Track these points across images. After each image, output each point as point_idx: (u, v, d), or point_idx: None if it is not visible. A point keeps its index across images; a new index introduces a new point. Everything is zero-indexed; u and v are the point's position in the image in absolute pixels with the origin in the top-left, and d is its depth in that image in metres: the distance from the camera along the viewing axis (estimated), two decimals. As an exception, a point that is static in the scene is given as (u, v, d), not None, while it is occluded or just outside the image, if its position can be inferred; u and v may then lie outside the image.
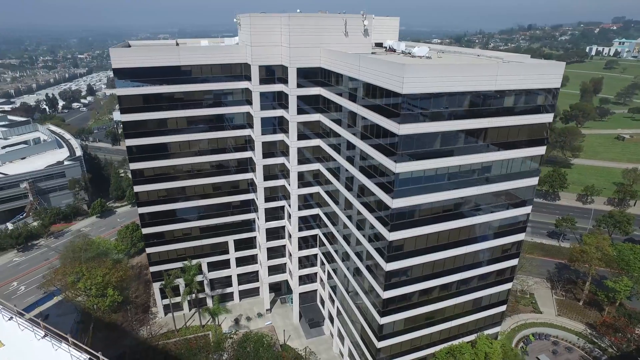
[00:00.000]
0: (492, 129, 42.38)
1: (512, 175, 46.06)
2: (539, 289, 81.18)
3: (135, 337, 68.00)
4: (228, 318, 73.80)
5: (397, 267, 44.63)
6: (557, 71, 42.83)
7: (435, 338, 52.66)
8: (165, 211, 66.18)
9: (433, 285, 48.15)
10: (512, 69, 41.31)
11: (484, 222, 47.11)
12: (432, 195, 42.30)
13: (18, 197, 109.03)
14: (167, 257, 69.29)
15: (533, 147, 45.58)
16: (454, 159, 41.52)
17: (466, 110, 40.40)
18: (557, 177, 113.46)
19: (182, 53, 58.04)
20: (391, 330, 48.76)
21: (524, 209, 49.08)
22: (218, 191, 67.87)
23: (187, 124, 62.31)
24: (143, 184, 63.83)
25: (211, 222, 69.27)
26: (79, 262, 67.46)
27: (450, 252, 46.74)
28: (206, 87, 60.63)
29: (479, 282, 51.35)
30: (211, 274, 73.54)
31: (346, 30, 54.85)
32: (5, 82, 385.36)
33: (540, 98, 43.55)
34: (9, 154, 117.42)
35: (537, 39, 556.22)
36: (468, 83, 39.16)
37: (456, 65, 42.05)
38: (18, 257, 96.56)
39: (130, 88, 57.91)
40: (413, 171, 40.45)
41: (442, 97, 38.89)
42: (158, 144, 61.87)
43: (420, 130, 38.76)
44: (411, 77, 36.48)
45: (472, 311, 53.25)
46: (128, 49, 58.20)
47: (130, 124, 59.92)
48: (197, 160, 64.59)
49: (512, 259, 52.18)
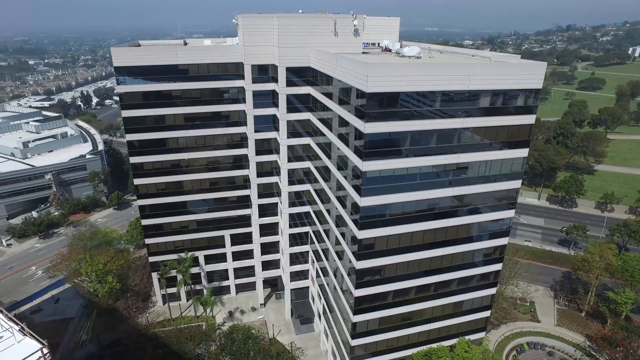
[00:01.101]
0: (467, 130, 41.88)
1: (492, 178, 45.20)
2: (541, 298, 78.53)
3: (133, 323, 71.15)
4: (223, 310, 75.93)
5: (369, 265, 44.82)
6: (538, 71, 41.79)
7: (413, 340, 52.33)
8: (164, 204, 68.92)
9: (409, 286, 47.94)
10: (487, 69, 40.70)
11: (463, 225, 46.48)
12: (403, 195, 42.24)
13: (43, 187, 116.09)
14: (165, 249, 72.10)
15: (514, 149, 44.53)
16: (424, 159, 41.35)
17: (438, 110, 40.15)
18: (573, 183, 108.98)
19: (179, 52, 60.42)
20: (365, 329, 48.92)
21: (506, 212, 47.97)
22: (215, 186, 70.01)
23: (185, 121, 64.69)
24: (143, 177, 66.80)
25: (208, 216, 71.51)
26: (84, 249, 71.29)
27: (425, 253, 46.42)
28: (202, 85, 62.75)
29: (459, 285, 50.61)
30: (208, 267, 75.85)
31: (336, 30, 55.36)
32: (49, 79, 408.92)
33: (521, 99, 42.60)
34: (37, 147, 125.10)
35: (576, 40, 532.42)
36: (439, 82, 38.93)
37: (427, 65, 41.89)
38: (39, 243, 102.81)
39: (131, 85, 60.86)
40: (382, 170, 40.60)
41: (410, 96, 38.88)
42: (157, 139, 64.61)
43: (387, 129, 38.89)
44: (375, 76, 36.73)
45: (453, 315, 52.52)
46: (128, 48, 61.17)
47: (130, 120, 62.93)
48: (195, 155, 66.90)
49: (495, 264, 51.09)
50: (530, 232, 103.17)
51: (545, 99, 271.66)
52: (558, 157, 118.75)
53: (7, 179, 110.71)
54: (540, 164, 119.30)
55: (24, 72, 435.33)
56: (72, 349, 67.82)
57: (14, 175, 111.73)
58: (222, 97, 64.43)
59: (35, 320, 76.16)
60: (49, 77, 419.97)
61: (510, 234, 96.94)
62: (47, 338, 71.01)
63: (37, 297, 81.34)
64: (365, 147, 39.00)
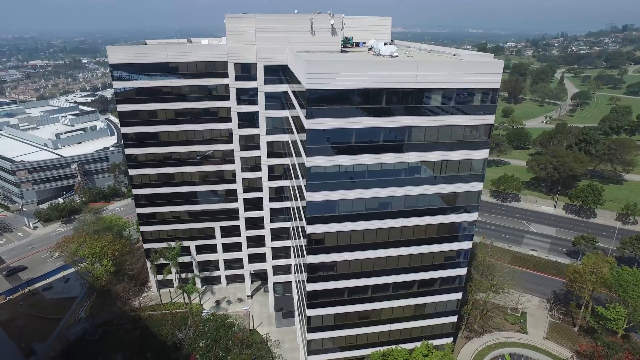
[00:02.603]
0: (417, 128, 41.53)
1: (449, 179, 44.43)
2: (535, 309, 75.10)
3: (126, 306, 75.48)
4: (212, 299, 78.84)
5: (319, 260, 45.46)
6: (495, 70, 40.74)
7: (373, 339, 52.19)
8: (157, 194, 72.71)
9: (364, 284, 48.01)
10: (436, 67, 40.20)
11: (419, 226, 45.98)
12: (350, 192, 42.55)
13: (69, 176, 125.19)
14: (158, 237, 75.97)
15: (472, 150, 43.56)
16: (370, 157, 41.43)
17: (383, 107, 40.16)
18: (591, 192, 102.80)
19: (169, 51, 63.77)
20: (320, 324, 49.51)
21: (467, 215, 46.85)
22: (204, 179, 72.96)
23: (175, 116, 68.05)
24: (137, 168, 70.88)
25: (198, 208, 74.61)
26: (85, 233, 76.58)
27: (379, 252, 46.35)
28: (191, 82, 65.79)
29: (420, 288, 49.96)
30: (199, 257, 79.03)
31: (313, 29, 56.22)
32: (97, 77, 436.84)
33: (477, 98, 41.64)
34: (67, 139, 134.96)
35: (631, 41, 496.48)
36: (383, 80, 38.99)
37: (371, 62, 41.97)
38: (61, 227, 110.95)
39: (125, 81, 64.92)
40: (326, 166, 41.18)
41: (356, 92, 39.17)
42: (149, 132, 68.41)
43: (328, 125, 39.43)
44: (314, 73, 37.47)
45: (416, 317, 51.87)
46: (123, 46, 65.37)
47: (125, 114, 67.10)
48: (185, 149, 70.15)
49: (459, 268, 49.95)
50: (538, 242, 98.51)
51: (585, 103, 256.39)
52: (577, 164, 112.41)
53: (38, 167, 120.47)
54: (557, 171, 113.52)
55: (76, 70, 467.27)
56: (70, 325, 73.14)
57: (44, 164, 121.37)
58: (209, 94, 67.13)
59: (46, 297, 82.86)
60: (97, 75, 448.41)
61: (515, 242, 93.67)
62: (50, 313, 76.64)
63: (50, 276, 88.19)
64: (308, 143, 39.78)
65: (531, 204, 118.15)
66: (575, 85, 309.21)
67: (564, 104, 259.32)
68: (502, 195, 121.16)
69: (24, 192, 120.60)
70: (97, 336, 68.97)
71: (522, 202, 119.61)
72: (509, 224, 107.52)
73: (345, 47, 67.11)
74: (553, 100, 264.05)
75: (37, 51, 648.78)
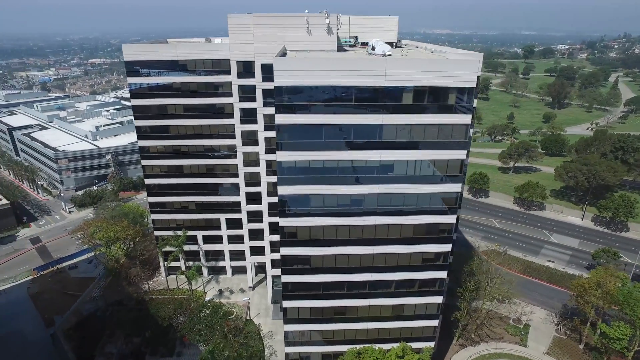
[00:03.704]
0: (388, 126, 41.50)
1: (424, 179, 43.92)
2: (541, 322, 71.51)
3: (136, 288, 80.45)
4: (215, 288, 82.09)
5: (293, 253, 46.53)
6: (471, 69, 39.85)
7: (350, 336, 52.40)
8: (167, 184, 76.88)
9: (338, 280, 48.46)
10: (406, 65, 40.01)
11: (393, 225, 45.75)
12: (321, 187, 43.24)
13: (104, 166, 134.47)
14: (168, 225, 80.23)
15: (447, 151, 42.81)
16: (340, 154, 41.92)
17: (353, 104, 40.54)
18: (622, 204, 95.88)
19: (178, 49, 67.41)
20: (296, 316, 50.56)
21: (444, 217, 45.97)
22: (211, 172, 76.15)
23: (184, 111, 71.66)
24: (149, 159, 75.40)
25: (205, 199, 77.99)
26: (104, 218, 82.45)
27: (353, 249, 46.60)
28: (198, 79, 69.07)
29: (397, 288, 49.60)
30: (206, 247, 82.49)
31: (309, 29, 57.47)
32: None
33: (451, 97, 40.93)
34: (105, 131, 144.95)
35: None
36: (352, 77, 39.42)
37: (338, 60, 42.30)
38: (92, 213, 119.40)
39: (138, 77, 69.36)
40: (297, 161, 42.20)
41: (323, 89, 39.92)
42: (160, 126, 72.57)
43: (296, 121, 40.44)
44: (282, 70, 38.63)
45: (393, 318, 51.50)
46: (136, 45, 69.87)
47: (138, 108, 71.63)
48: (192, 143, 73.69)
49: (438, 271, 49.02)
50: (558, 253, 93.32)
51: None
52: (611, 173, 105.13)
53: (76, 157, 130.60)
54: (588, 180, 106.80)
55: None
56: (85, 302, 79.17)
57: (82, 154, 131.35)
58: (215, 91, 70.06)
59: (70, 275, 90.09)
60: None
61: (532, 252, 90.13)
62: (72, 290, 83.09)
63: (76, 256, 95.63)
64: (278, 138, 41.02)
65: (557, 214, 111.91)
66: (632, 90, 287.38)
67: (615, 110, 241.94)
68: (526, 203, 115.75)
69: (64, 179, 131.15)
70: (107, 314, 74.16)
71: (546, 211, 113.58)
72: (528, 232, 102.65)
73: (351, 46, 67.77)
74: (603, 106, 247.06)
75: (97, 50, 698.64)
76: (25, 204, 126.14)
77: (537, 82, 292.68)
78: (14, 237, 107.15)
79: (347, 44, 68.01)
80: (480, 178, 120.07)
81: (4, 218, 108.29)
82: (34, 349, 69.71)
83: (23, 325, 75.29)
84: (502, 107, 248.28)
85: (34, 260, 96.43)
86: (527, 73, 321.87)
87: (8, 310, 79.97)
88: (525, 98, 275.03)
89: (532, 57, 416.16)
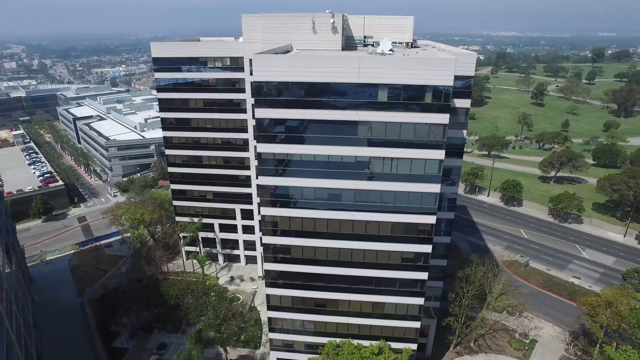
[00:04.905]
0: (363, 123, 42.12)
1: (400, 177, 43.89)
2: (550, 339, 67.34)
3: (156, 269, 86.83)
4: (228, 274, 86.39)
5: (273, 242, 48.53)
6: (447, 68, 39.40)
7: (332, 329, 53.28)
8: (187, 173, 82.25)
9: (318, 272, 49.59)
10: (380, 62, 40.37)
11: (371, 222, 46.13)
12: (298, 180, 44.80)
13: (148, 155, 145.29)
14: (188, 212, 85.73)
15: (424, 150, 42.50)
16: (317, 148, 43.15)
17: (328, 100, 41.66)
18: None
19: (199, 46, 72.11)
20: (278, 304, 52.50)
21: (423, 217, 45.51)
22: (227, 164, 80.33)
23: (204, 105, 76.37)
24: (172, 149, 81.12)
25: (221, 190, 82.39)
26: (133, 202, 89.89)
27: (332, 242, 47.59)
28: (217, 75, 73.28)
29: (377, 285, 49.80)
30: (221, 234, 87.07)
31: (314, 28, 59.22)
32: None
33: (428, 96, 40.70)
34: (152, 123, 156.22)
35: None
36: (327, 74, 40.60)
37: (317, 57, 43.34)
38: (133, 198, 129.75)
39: (164, 72, 75.04)
40: (275, 153, 44.14)
41: (300, 85, 41.46)
42: (182, 118, 77.88)
43: (274, 115, 42.35)
44: (260, 66, 40.76)
45: (374, 315, 51.64)
46: (163, 43, 75.54)
47: (163, 101, 77.50)
48: (211, 135, 78.24)
49: (418, 271, 48.50)
50: (587, 269, 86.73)
51: None
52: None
53: (124, 146, 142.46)
54: (634, 194, 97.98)
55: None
56: (112, 277, 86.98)
57: (129, 144, 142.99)
58: (232, 87, 73.88)
59: (105, 252, 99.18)
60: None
61: (558, 266, 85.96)
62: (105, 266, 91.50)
63: (112, 236, 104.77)
64: (257, 130, 43.26)
65: (595, 228, 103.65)
66: None
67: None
68: (561, 215, 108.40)
69: (113, 166, 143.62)
70: (128, 290, 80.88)
71: (584, 225, 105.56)
72: (558, 245, 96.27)
73: (365, 45, 68.51)
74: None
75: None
76: (79, 186, 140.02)
77: (602, 87, 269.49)
78: (65, 215, 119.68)
79: (361, 43, 68.88)
80: (513, 186, 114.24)
81: (58, 198, 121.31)
82: (67, 314, 78.03)
83: (61, 293, 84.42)
84: (558, 113, 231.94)
85: (78, 236, 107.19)
86: (592, 78, 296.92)
87: (52, 278, 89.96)
88: (587, 105, 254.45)
89: (603, 60, 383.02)
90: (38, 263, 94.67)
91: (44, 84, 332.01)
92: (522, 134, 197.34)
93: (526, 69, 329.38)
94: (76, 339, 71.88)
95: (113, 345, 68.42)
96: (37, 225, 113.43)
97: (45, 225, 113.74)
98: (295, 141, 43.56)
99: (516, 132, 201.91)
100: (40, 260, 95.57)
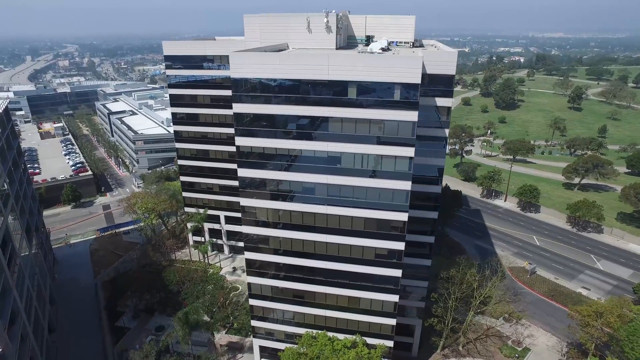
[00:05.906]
0: (334, 119, 43.16)
1: (369, 173, 44.49)
2: (545, 349, 65.14)
3: (164, 256, 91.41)
4: (231, 265, 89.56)
5: (252, 232, 50.51)
6: (414, 65, 39.77)
7: (310, 321, 54.53)
8: (195, 166, 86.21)
9: (294, 263, 51.03)
10: (348, 60, 41.24)
11: (344, 216, 47.01)
12: (274, 172, 46.51)
13: (173, 150, 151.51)
14: (196, 203, 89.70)
15: (394, 146, 42.93)
16: (289, 142, 44.68)
17: (301, 96, 43.03)
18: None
19: (206, 45, 75.51)
20: (259, 292, 54.41)
21: (394, 214, 45.79)
22: (232, 158, 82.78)
23: (210, 101, 79.84)
24: (181, 143, 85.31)
25: (226, 183, 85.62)
26: (147, 192, 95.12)
27: (307, 235, 48.90)
28: (222, 73, 76.45)
29: (352, 280, 50.52)
30: (227, 226, 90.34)
31: (309, 27, 60.70)
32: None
33: (397, 93, 41.19)
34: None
35: None
36: (298, 71, 42.02)
37: (289, 55, 44.69)
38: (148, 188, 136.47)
39: (174, 70, 79.11)
40: (252, 147, 46.10)
41: (273, 82, 43.14)
42: (191, 113, 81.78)
43: (250, 110, 44.34)
44: (236, 63, 42.84)
45: (350, 309, 52.38)
46: (174, 42, 79.59)
47: (174, 97, 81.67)
48: (217, 130, 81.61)
49: (392, 268, 48.77)
50: (599, 281, 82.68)
51: None
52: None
53: (150, 140, 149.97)
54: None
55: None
56: (124, 262, 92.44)
57: (155, 138, 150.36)
58: (236, 84, 76.78)
59: (123, 239, 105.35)
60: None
61: (568, 275, 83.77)
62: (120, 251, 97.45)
63: (130, 224, 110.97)
64: (236, 125, 45.42)
65: (615, 239, 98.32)
66: None
67: None
68: (580, 224, 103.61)
69: (140, 158, 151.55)
70: (136, 274, 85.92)
71: (604, 235, 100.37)
72: (571, 254, 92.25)
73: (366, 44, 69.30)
74: None
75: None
76: (107, 176, 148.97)
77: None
78: (92, 203, 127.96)
79: (363, 42, 69.72)
80: (529, 191, 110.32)
81: (87, 186, 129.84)
82: (82, 293, 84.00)
83: (80, 273, 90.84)
84: (596, 119, 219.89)
85: (101, 223, 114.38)
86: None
87: (74, 260, 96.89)
88: (631, 110, 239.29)
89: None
90: (63, 246, 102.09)
91: (91, 80, 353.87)
92: (552, 139, 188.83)
93: (566, 72, 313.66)
94: (88, 316, 77.36)
95: (116, 324, 73.05)
96: (66, 211, 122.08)
97: (73, 211, 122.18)
98: (269, 135, 45.30)
99: (547, 137, 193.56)
100: (65, 243, 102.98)
